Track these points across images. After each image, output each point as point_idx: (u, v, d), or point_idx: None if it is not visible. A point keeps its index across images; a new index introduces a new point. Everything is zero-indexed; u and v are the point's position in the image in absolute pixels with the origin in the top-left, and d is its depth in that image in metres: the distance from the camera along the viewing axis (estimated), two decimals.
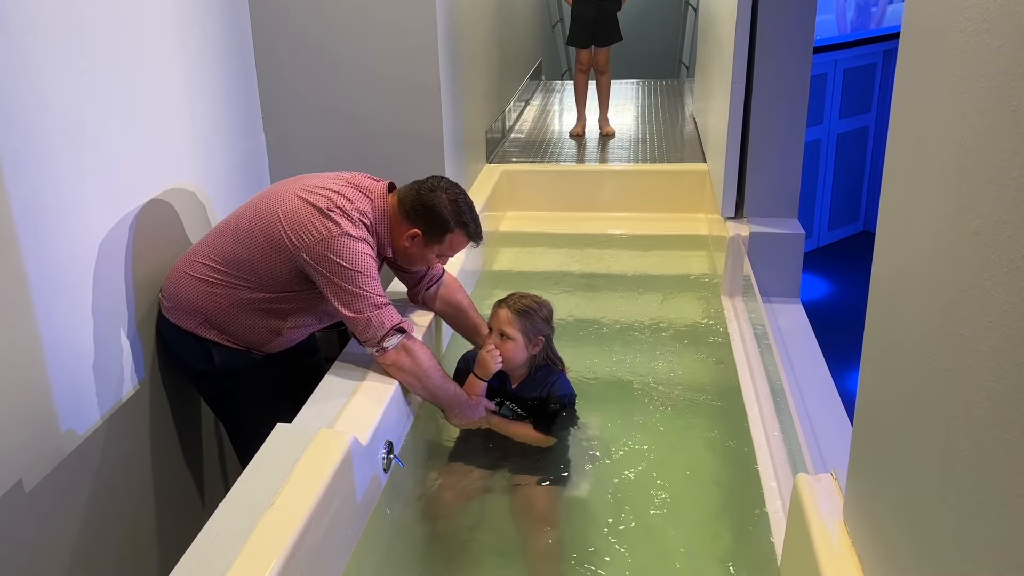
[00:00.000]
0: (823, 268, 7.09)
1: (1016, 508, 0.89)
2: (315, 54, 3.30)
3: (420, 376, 2.27)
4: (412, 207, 2.33)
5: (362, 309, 2.20)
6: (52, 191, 2.04)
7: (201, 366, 2.42)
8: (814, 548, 1.54)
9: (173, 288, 2.39)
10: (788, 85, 3.39)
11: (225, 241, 2.35)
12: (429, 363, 2.28)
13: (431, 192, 2.33)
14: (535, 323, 2.39)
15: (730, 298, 3.38)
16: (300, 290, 2.33)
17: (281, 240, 2.25)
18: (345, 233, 2.21)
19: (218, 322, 2.36)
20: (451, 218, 2.33)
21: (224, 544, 1.63)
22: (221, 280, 2.33)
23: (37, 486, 2.00)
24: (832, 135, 7.25)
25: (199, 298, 2.35)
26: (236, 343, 2.40)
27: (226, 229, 2.38)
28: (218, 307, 2.35)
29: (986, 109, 0.98)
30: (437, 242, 2.36)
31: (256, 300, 2.34)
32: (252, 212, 2.35)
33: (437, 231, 2.34)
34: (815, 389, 2.74)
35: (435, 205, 2.32)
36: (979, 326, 0.98)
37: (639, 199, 4.40)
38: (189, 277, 2.36)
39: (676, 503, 2.31)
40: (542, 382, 2.43)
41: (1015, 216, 0.90)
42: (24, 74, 1.94)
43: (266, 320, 2.38)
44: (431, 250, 2.38)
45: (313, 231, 2.21)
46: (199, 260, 2.37)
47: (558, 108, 6.30)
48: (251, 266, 2.30)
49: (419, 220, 2.33)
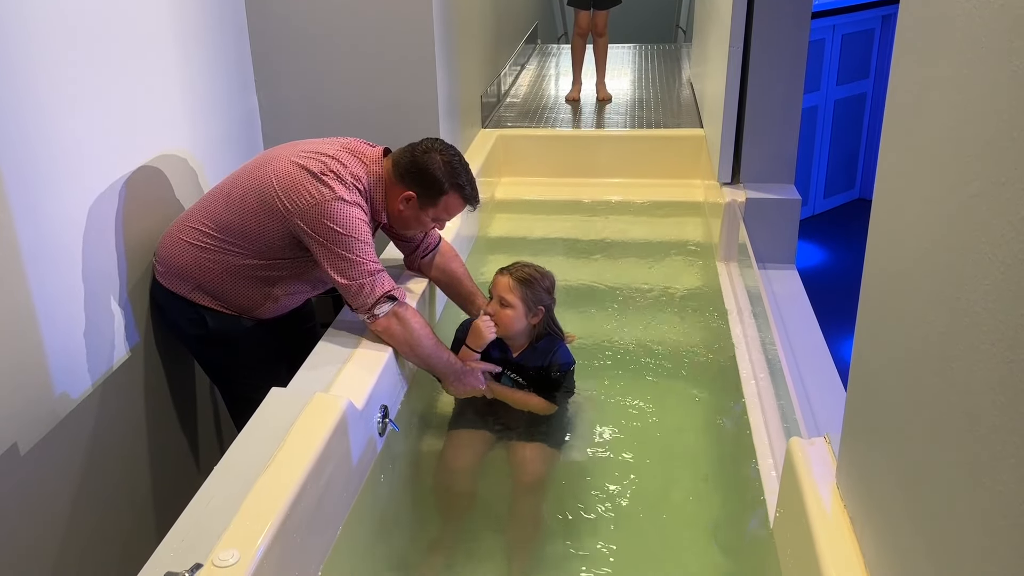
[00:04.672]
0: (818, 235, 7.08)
1: (1007, 470, 0.90)
2: (308, 17, 3.26)
3: (412, 344, 2.26)
4: (406, 169, 2.30)
5: (354, 275, 2.18)
6: (44, 156, 2.02)
7: (195, 331, 2.41)
8: (807, 511, 1.55)
9: (166, 253, 2.38)
10: (786, 50, 3.36)
11: (218, 206, 2.32)
12: (421, 331, 2.26)
13: (425, 154, 2.30)
14: (536, 292, 2.38)
15: (725, 264, 3.37)
16: (294, 256, 2.32)
17: (274, 205, 2.23)
18: (339, 197, 2.19)
19: (210, 288, 2.35)
20: (445, 180, 2.30)
21: (219, 507, 1.64)
22: (213, 246, 2.31)
23: (31, 450, 2.01)
24: (829, 101, 7.20)
25: (191, 263, 2.33)
26: (229, 309, 2.39)
27: (219, 194, 2.35)
28: (210, 272, 2.33)
29: (987, 70, 0.97)
30: (432, 205, 2.33)
31: (249, 266, 2.32)
32: (245, 177, 2.32)
33: (431, 193, 2.31)
34: (809, 354, 2.75)
35: (429, 166, 2.29)
36: (975, 289, 0.98)
37: (635, 164, 4.38)
38: (182, 242, 2.35)
39: (669, 468, 2.32)
40: (543, 352, 2.42)
41: (1014, 178, 0.89)
42: (14, 40, 1.91)
43: (259, 286, 2.36)
44: (426, 213, 2.35)
45: (307, 195, 2.19)
46: (192, 225, 2.35)
47: (554, 72, 6.25)
48: (243, 232, 2.28)
49: (413, 182, 2.30)
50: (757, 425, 2.32)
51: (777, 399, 2.35)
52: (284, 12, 3.24)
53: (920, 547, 1.16)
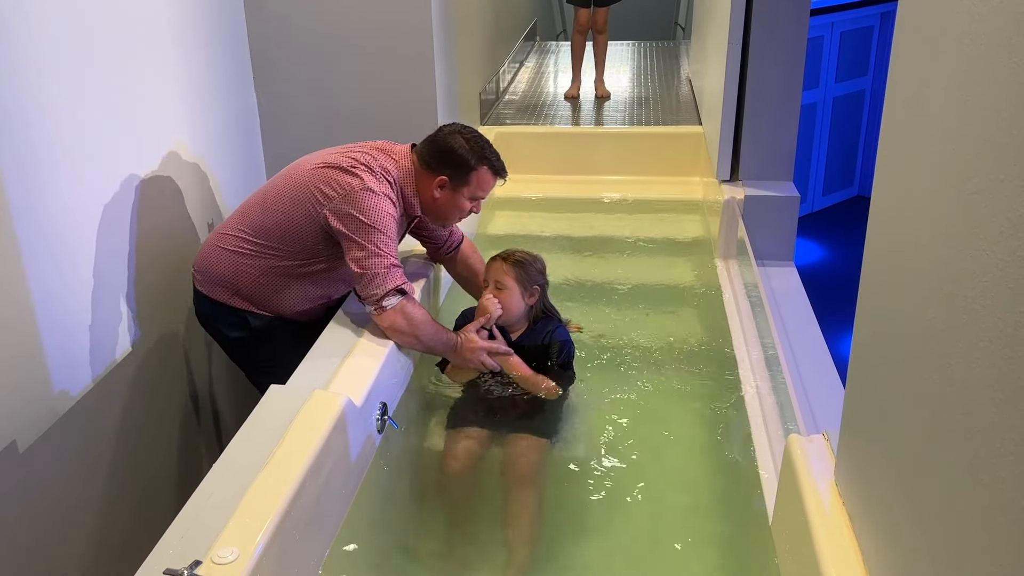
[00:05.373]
0: (817, 232, 7.08)
1: (1006, 467, 0.90)
2: (307, 14, 3.26)
3: (416, 334, 2.29)
4: (432, 155, 2.37)
5: (369, 265, 2.22)
6: (43, 154, 2.02)
7: (238, 333, 2.46)
8: (805, 508, 1.55)
9: (205, 263, 2.44)
10: (784, 47, 3.36)
11: (254, 211, 2.40)
12: (423, 321, 2.29)
13: (447, 136, 2.37)
14: (530, 273, 2.43)
15: (724, 261, 3.37)
16: (328, 254, 2.38)
17: (307, 201, 2.30)
18: (367, 188, 2.24)
19: (248, 292, 2.41)
20: (472, 156, 2.36)
21: (218, 504, 1.63)
22: (252, 250, 2.38)
23: (30, 447, 2.01)
24: (828, 99, 7.21)
25: (229, 270, 2.39)
26: (267, 311, 2.44)
27: (255, 201, 2.43)
28: (248, 277, 2.39)
29: (986, 67, 0.97)
30: (465, 184, 2.38)
31: (285, 268, 2.38)
32: (280, 182, 2.41)
33: (462, 172, 2.36)
34: (808, 351, 2.75)
35: (453, 147, 2.35)
36: (974, 287, 0.98)
37: (634, 161, 4.37)
38: (220, 250, 2.41)
39: (667, 464, 2.32)
40: (542, 331, 2.47)
41: (1013, 175, 0.89)
42: (14, 38, 1.91)
43: (296, 288, 2.42)
44: (461, 195, 2.40)
45: (336, 187, 2.26)
46: (229, 233, 2.41)
47: (553, 69, 6.24)
48: (279, 233, 2.35)
49: (442, 165, 2.36)
50: (756, 422, 2.32)
51: (776, 396, 2.35)
52: (282, 10, 3.24)
53: (919, 544, 1.16)
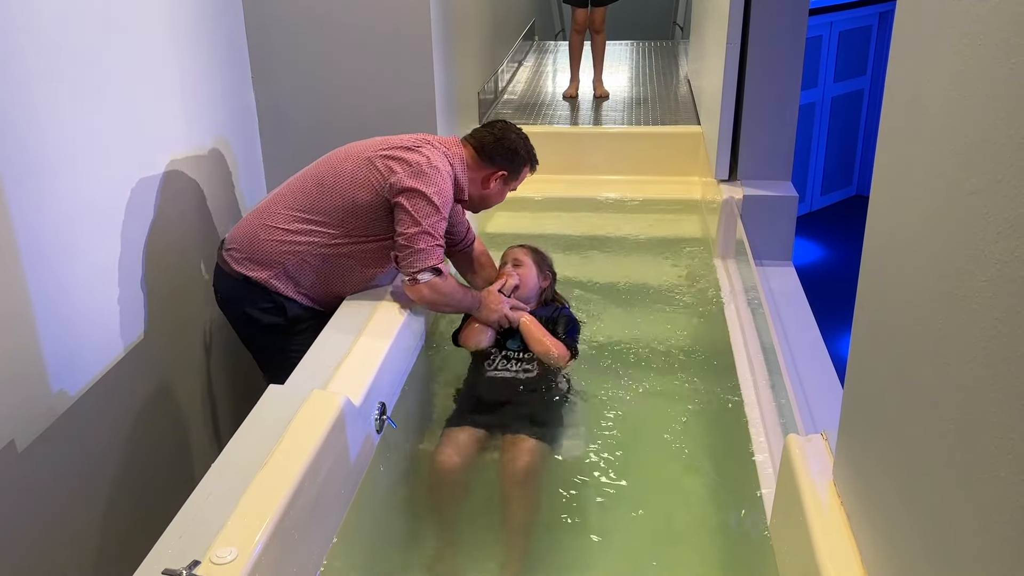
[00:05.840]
0: (816, 232, 7.09)
1: (1004, 467, 0.90)
2: (305, 13, 3.25)
3: (441, 302, 2.46)
4: (494, 150, 2.54)
5: (418, 240, 2.34)
6: (40, 152, 2.02)
7: (271, 319, 2.46)
8: (804, 507, 1.55)
9: (247, 240, 2.44)
10: (783, 47, 3.36)
11: (308, 192, 2.44)
12: (449, 290, 2.44)
13: (507, 133, 2.57)
14: (545, 259, 2.77)
15: (723, 260, 3.37)
16: (385, 234, 2.44)
17: (370, 176, 2.39)
18: (434, 166, 2.38)
19: (295, 272, 2.43)
20: (526, 155, 2.59)
21: (217, 504, 1.63)
22: (305, 229, 2.42)
23: (29, 446, 2.01)
24: (826, 98, 7.21)
25: (278, 248, 2.41)
26: (309, 296, 2.47)
27: (307, 182, 2.47)
28: (298, 256, 2.42)
29: (985, 67, 0.97)
30: (515, 179, 2.61)
31: (337, 247, 2.43)
32: (335, 162, 2.47)
33: (516, 168, 2.59)
34: (806, 351, 2.75)
35: (515, 146, 2.56)
36: (972, 286, 0.98)
37: (633, 161, 4.37)
38: (270, 228, 2.43)
39: (666, 464, 2.33)
40: (551, 308, 2.71)
41: (1011, 175, 0.89)
42: (11, 36, 1.91)
43: (345, 270, 2.47)
44: (509, 187, 2.63)
45: (403, 163, 2.38)
46: (280, 212, 2.44)
47: (551, 69, 6.24)
48: (336, 211, 2.41)
49: (504, 161, 2.55)
50: (754, 421, 2.32)
51: (774, 396, 2.35)
52: (281, 7, 3.24)
53: (917, 543, 1.16)
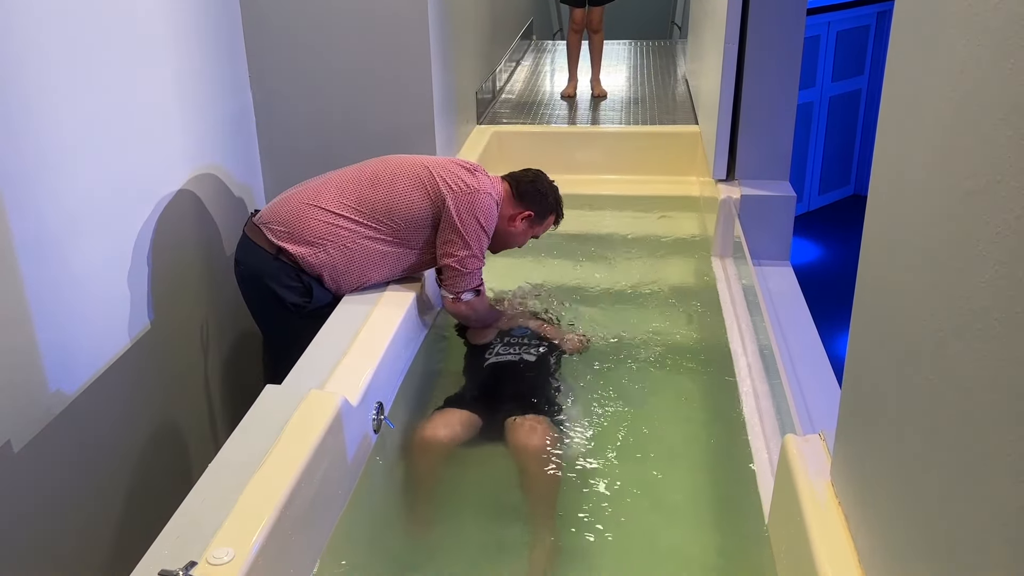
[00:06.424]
0: (814, 231, 7.09)
1: (1002, 468, 0.90)
2: (302, 12, 3.25)
3: (475, 319, 2.67)
4: (526, 192, 2.67)
5: (465, 264, 2.51)
6: (37, 151, 2.01)
7: (296, 300, 2.49)
8: (801, 507, 1.55)
9: (291, 215, 2.49)
10: (781, 47, 3.36)
11: (361, 185, 2.52)
12: (483, 310, 2.65)
13: (538, 179, 2.72)
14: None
15: (720, 260, 3.37)
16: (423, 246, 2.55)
17: (428, 184, 2.49)
18: (488, 193, 2.52)
19: (334, 255, 2.47)
20: (554, 203, 2.74)
21: (214, 505, 1.63)
22: (352, 218, 2.49)
23: (25, 447, 2.00)
24: (824, 98, 7.21)
25: (324, 227, 2.47)
26: (338, 282, 2.51)
27: (360, 175, 2.54)
28: (340, 239, 2.47)
29: (983, 67, 0.97)
30: (540, 223, 2.73)
31: (380, 241, 2.50)
32: (394, 165, 2.56)
33: (543, 213, 2.71)
34: (804, 351, 2.75)
35: (546, 191, 2.71)
36: (970, 286, 0.98)
37: (631, 161, 4.37)
38: (317, 208, 2.48)
39: (663, 464, 2.32)
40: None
41: (1009, 175, 0.89)
42: (7, 35, 1.90)
43: (380, 265, 2.53)
44: (532, 231, 2.73)
45: (462, 183, 2.50)
46: (330, 195, 2.50)
47: (549, 68, 6.24)
48: (389, 209, 2.49)
49: (532, 203, 2.68)
50: (752, 421, 2.32)
51: (772, 395, 2.35)
52: (278, 7, 3.23)
53: (914, 544, 1.16)
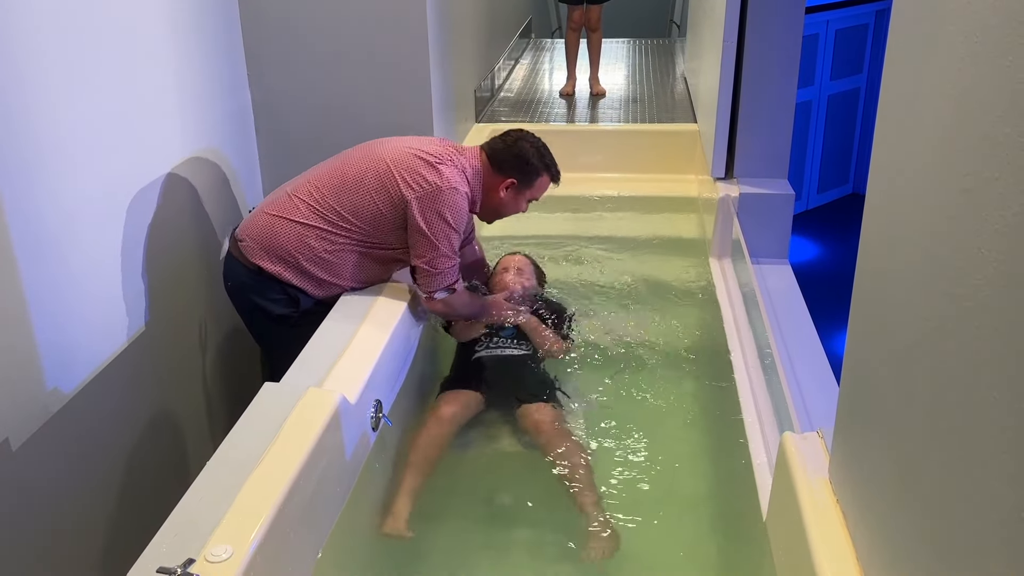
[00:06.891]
0: (812, 230, 7.08)
1: (1000, 466, 0.90)
2: (301, 11, 3.25)
3: (452, 314, 2.58)
4: (503, 159, 2.54)
5: (436, 264, 2.40)
6: (35, 150, 2.01)
7: (283, 311, 2.48)
8: (799, 505, 1.55)
9: (261, 231, 2.45)
10: (780, 45, 3.36)
11: (329, 188, 2.45)
12: (461, 303, 2.54)
13: (516, 143, 2.56)
14: (539, 270, 2.96)
15: (719, 259, 3.37)
16: (397, 246, 2.47)
17: (392, 186, 2.39)
18: (453, 187, 2.40)
19: (308, 266, 2.44)
20: (538, 163, 2.57)
21: (212, 503, 1.63)
22: (321, 224, 2.43)
23: (23, 445, 2.00)
24: (823, 96, 7.21)
25: (294, 240, 2.42)
26: (322, 289, 2.47)
27: (327, 180, 2.46)
28: (312, 251, 2.43)
29: (981, 64, 0.97)
30: (528, 187, 2.59)
31: (353, 246, 2.45)
32: (358, 160, 2.47)
33: (528, 177, 2.57)
34: (802, 349, 2.75)
35: (524, 153, 2.55)
36: (968, 284, 0.98)
37: (629, 159, 4.37)
38: (284, 220, 2.44)
39: (662, 462, 2.32)
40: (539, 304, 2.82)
41: (1007, 173, 0.89)
42: (13, 36, 1.90)
43: (359, 267, 2.49)
44: (523, 196, 2.61)
45: (423, 181, 2.38)
46: (297, 206, 2.44)
47: (548, 67, 6.23)
48: (356, 211, 2.42)
49: (512, 170, 2.54)
50: (750, 419, 2.32)
51: (770, 394, 2.35)
52: (277, 6, 3.23)
53: (912, 541, 1.16)
